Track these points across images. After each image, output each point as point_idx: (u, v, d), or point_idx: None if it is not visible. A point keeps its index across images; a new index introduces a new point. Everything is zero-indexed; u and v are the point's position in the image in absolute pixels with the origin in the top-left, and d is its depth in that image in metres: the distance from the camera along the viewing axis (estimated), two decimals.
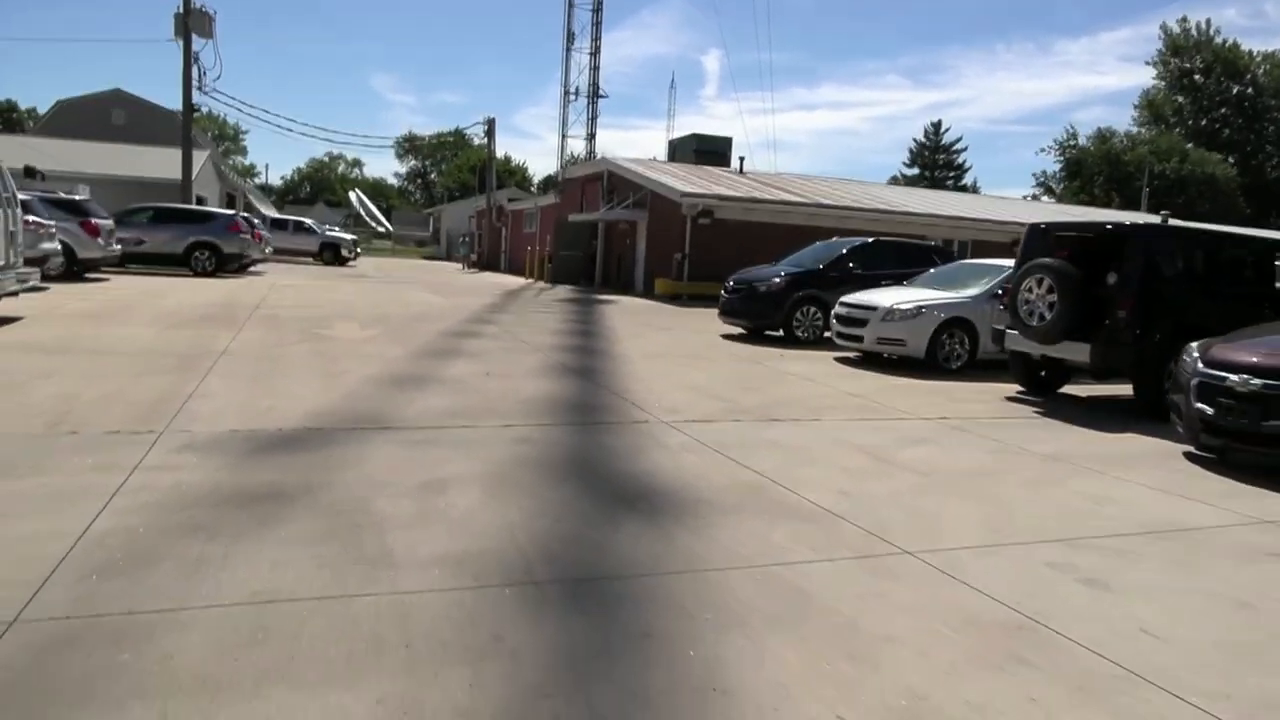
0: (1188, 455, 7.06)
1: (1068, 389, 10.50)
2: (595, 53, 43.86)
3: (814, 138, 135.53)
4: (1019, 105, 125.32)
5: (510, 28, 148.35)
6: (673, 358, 11.56)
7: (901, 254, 14.90)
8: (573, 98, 43.78)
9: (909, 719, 2.75)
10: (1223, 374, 6.58)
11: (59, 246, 15.68)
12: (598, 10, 43.35)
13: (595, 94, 44.56)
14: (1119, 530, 4.96)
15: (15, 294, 11.15)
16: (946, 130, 79.18)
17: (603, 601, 3.52)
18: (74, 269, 17.57)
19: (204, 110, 44.16)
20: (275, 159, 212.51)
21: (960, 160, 79.48)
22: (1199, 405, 6.74)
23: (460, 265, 45.02)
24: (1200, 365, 6.86)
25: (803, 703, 2.80)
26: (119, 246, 19.61)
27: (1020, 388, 10.23)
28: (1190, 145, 66.64)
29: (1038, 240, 9.69)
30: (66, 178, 25.17)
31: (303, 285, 21.44)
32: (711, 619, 3.39)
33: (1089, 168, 66.57)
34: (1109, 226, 9.38)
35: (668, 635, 3.23)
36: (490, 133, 46.56)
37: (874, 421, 7.91)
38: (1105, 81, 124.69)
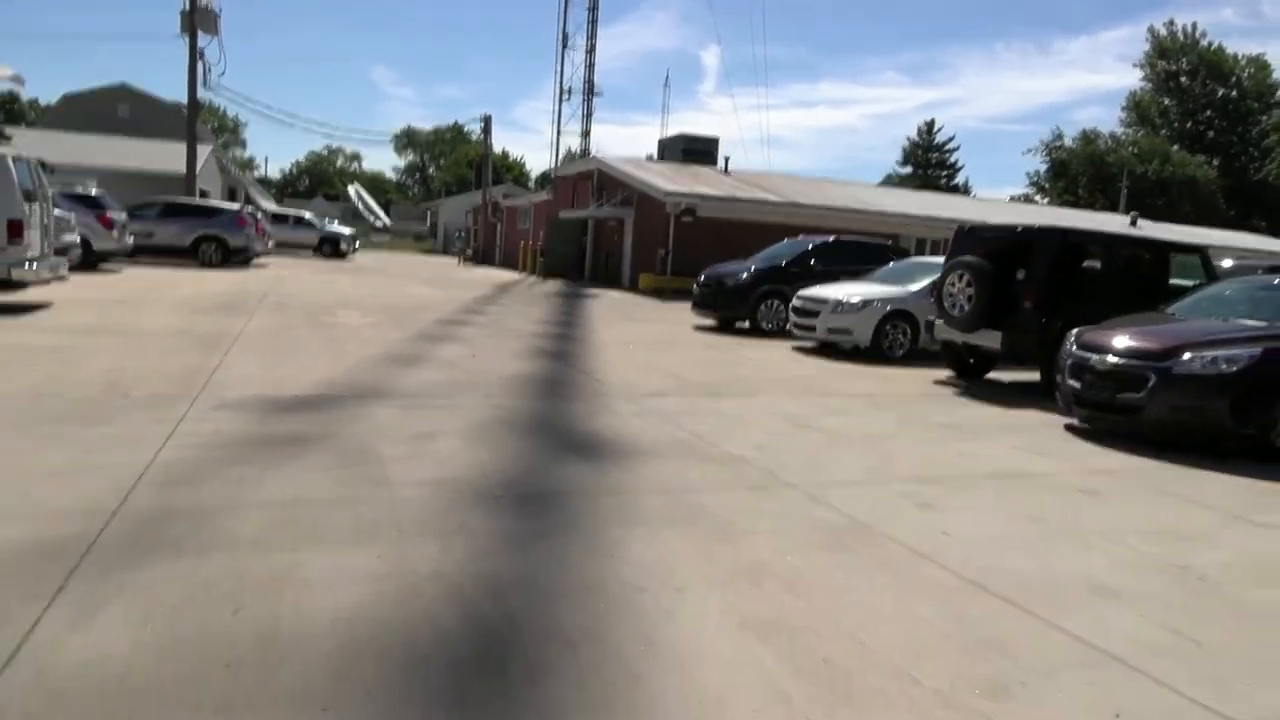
0: (1067, 427, 8.28)
1: (994, 375, 11.71)
2: (591, 50, 44.99)
3: (813, 134, 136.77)
4: (1018, 104, 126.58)
5: (510, 21, 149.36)
6: (642, 344, 12.79)
7: (860, 252, 16.11)
8: (568, 96, 44.96)
9: (748, 573, 3.98)
10: (1088, 354, 7.82)
11: (78, 239, 16.88)
12: (594, 9, 44.48)
13: (590, 92, 45.72)
14: (969, 474, 6.21)
15: (48, 282, 12.35)
16: (940, 129, 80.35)
17: (543, 508, 4.75)
18: (89, 260, 18.76)
19: (206, 103, 45.33)
20: (274, 151, 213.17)
21: (953, 159, 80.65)
22: (1070, 382, 7.99)
23: (456, 260, 46.19)
24: (1074, 348, 8.10)
25: (676, 564, 4.03)
26: (131, 239, 20.79)
27: (950, 373, 11.45)
28: (1176, 147, 67.80)
29: (963, 240, 10.91)
30: (74, 171, 26.26)
31: (305, 277, 22.63)
32: (624, 520, 4.61)
33: (1073, 169, 67.78)
34: (1019, 229, 10.62)
35: (588, 527, 4.46)
36: (486, 130, 47.78)
37: (808, 398, 9.15)
38: (1104, 80, 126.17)
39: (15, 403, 6.33)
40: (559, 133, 45.81)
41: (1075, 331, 8.37)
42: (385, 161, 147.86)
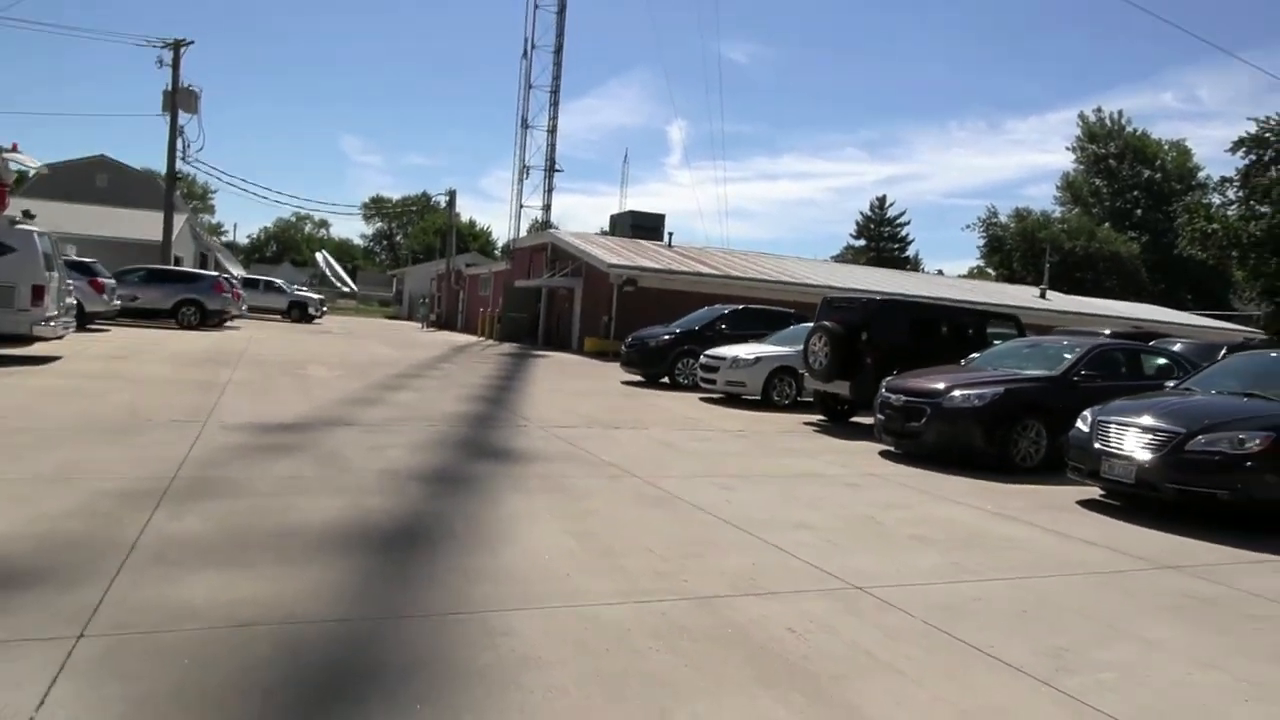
0: (881, 452, 10.73)
1: (859, 419, 14.18)
2: (552, 131, 48.30)
3: (775, 206, 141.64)
4: (971, 180, 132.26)
5: (478, 94, 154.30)
6: (569, 394, 15.17)
7: (765, 318, 18.71)
8: (527, 173, 47.98)
9: (581, 514, 6.30)
10: (890, 395, 10.33)
11: (75, 302, 19.02)
12: (555, 91, 47.92)
13: (551, 169, 48.91)
14: (774, 474, 8.61)
15: (61, 337, 14.52)
16: (892, 204, 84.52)
17: (458, 484, 7.07)
18: (81, 320, 20.81)
19: (183, 175, 47.69)
20: (242, 217, 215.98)
21: (904, 233, 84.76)
22: (879, 415, 10.47)
23: (420, 324, 48.46)
24: (884, 390, 10.60)
25: (538, 510, 6.34)
26: (118, 302, 22.91)
27: (821, 416, 13.93)
28: (1106, 225, 72.17)
29: (825, 308, 13.50)
30: (57, 238, 28.33)
31: (277, 338, 24.82)
32: (512, 489, 6.93)
33: (1008, 244, 71.95)
34: (864, 300, 13.24)
35: (486, 492, 6.78)
36: (451, 203, 50.57)
37: (686, 430, 11.54)
38: (1051, 159, 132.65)
39: (67, 424, 8.52)
40: (520, 207, 48.68)
41: (887, 379, 10.89)
42: (353, 229, 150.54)
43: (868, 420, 13.82)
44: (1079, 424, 8.34)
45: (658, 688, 3.45)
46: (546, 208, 48.72)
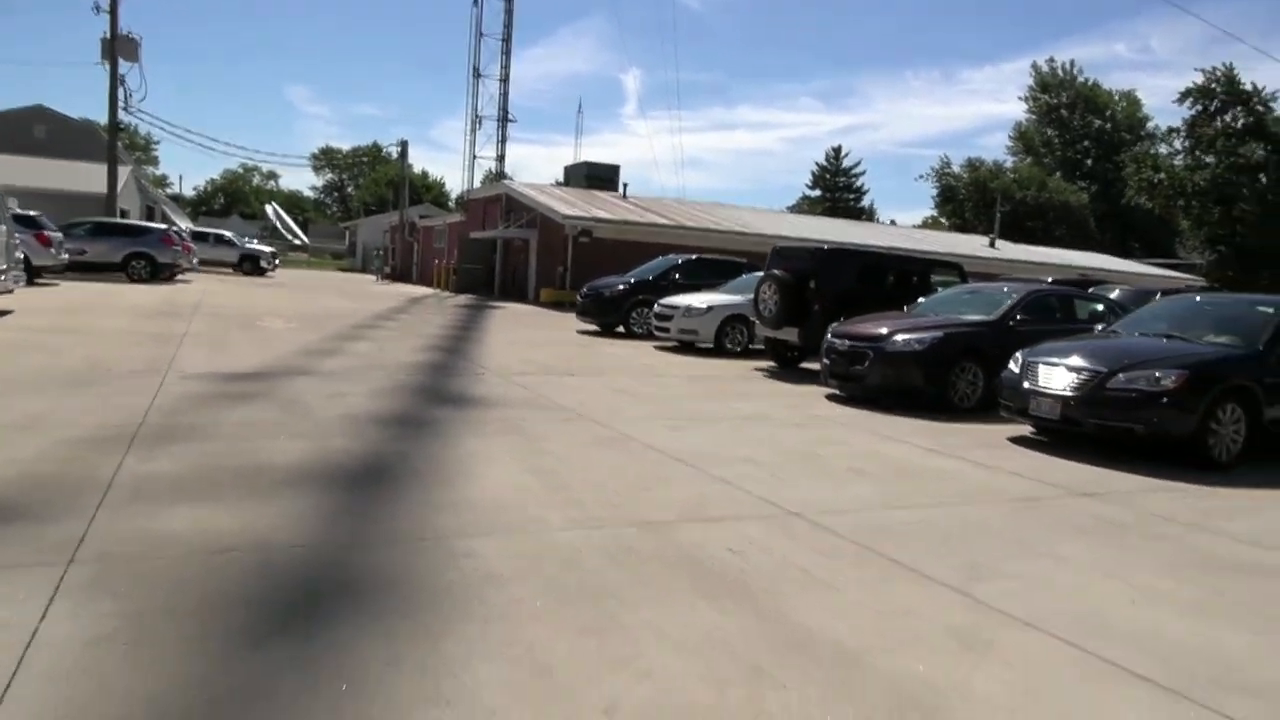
0: (827, 395, 11.16)
1: (808, 365, 14.62)
2: (505, 80, 47.87)
3: (730, 156, 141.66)
4: (927, 129, 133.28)
5: (429, 43, 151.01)
6: (526, 343, 15.41)
7: (717, 268, 19.04)
8: (480, 123, 47.51)
9: (538, 454, 6.60)
10: (836, 340, 10.73)
11: (22, 256, 18.73)
12: (506, 40, 47.38)
13: (504, 118, 48.53)
14: (724, 416, 8.99)
15: (11, 292, 14.39)
16: (847, 155, 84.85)
17: (418, 427, 7.33)
18: (28, 275, 20.50)
19: (125, 126, 46.42)
20: (188, 169, 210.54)
21: (859, 184, 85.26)
22: (826, 360, 10.89)
23: (375, 277, 48.08)
24: (830, 336, 11.00)
25: (495, 451, 6.63)
26: (66, 255, 22.54)
27: (771, 363, 14.34)
28: (1058, 174, 73.25)
29: (775, 257, 13.84)
30: (2, 191, 27.68)
31: (231, 292, 24.63)
32: (470, 432, 7.21)
33: (960, 194, 72.86)
34: (812, 249, 13.60)
35: (445, 435, 7.05)
36: (403, 154, 49.92)
37: (641, 377, 11.87)
38: (1006, 109, 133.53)
39: (26, 377, 8.59)
40: (474, 158, 48.27)
41: (833, 325, 11.28)
42: (303, 180, 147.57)
43: (816, 366, 14.23)
44: (1010, 365, 8.80)
45: (608, 598, 3.80)
46: (500, 158, 48.49)
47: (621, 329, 18.37)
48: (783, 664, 3.26)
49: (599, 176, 37.63)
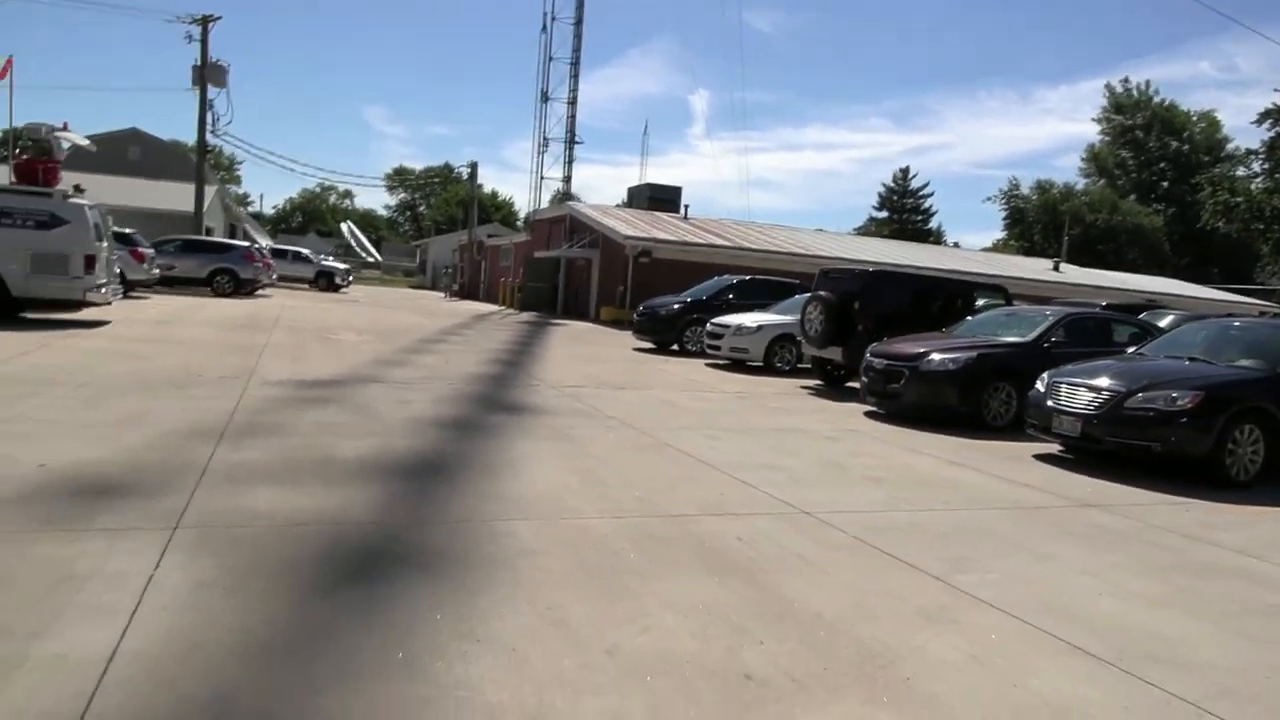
0: (866, 412, 11.60)
1: (853, 384, 15.01)
2: (572, 103, 49.09)
3: (799, 177, 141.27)
4: (1000, 150, 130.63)
5: (500, 66, 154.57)
6: (582, 358, 16.12)
7: (770, 288, 19.53)
8: (547, 145, 48.78)
9: (582, 456, 7.23)
10: (874, 359, 11.18)
11: (120, 270, 20.16)
12: (575, 64, 48.61)
13: (571, 141, 49.74)
14: (762, 428, 9.52)
15: (110, 303, 15.63)
16: (914, 176, 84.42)
17: (474, 430, 8.04)
18: (124, 288, 21.99)
19: (212, 148, 48.81)
20: (268, 188, 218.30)
21: (926, 205, 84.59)
22: (864, 378, 11.34)
23: (443, 294, 49.55)
24: (869, 356, 11.45)
25: (543, 454, 7.28)
26: (157, 270, 24.07)
27: (818, 381, 14.79)
28: (1132, 197, 71.74)
29: (822, 279, 14.32)
30: (103, 210, 29.54)
31: (307, 306, 25.93)
32: (521, 437, 7.88)
33: (1029, 216, 71.92)
34: (857, 271, 14.04)
35: (499, 437, 7.74)
36: (473, 175, 51.46)
37: (688, 391, 12.45)
38: (1082, 129, 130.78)
39: (127, 381, 9.55)
40: (541, 179, 49.51)
41: (872, 345, 11.73)
42: (377, 199, 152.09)
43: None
44: (1037, 385, 9.16)
45: (625, 573, 4.40)
46: (567, 179, 49.59)
47: (675, 347, 18.98)
48: (765, 627, 3.82)
49: (661, 198, 38.42)
